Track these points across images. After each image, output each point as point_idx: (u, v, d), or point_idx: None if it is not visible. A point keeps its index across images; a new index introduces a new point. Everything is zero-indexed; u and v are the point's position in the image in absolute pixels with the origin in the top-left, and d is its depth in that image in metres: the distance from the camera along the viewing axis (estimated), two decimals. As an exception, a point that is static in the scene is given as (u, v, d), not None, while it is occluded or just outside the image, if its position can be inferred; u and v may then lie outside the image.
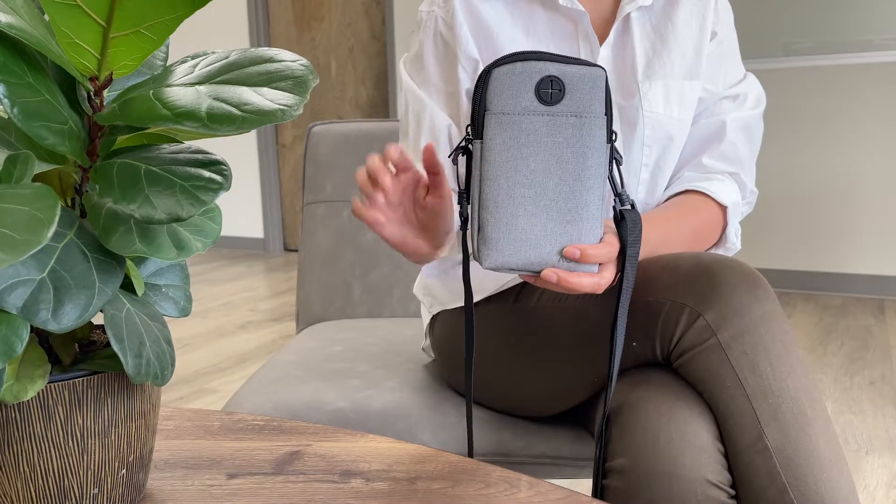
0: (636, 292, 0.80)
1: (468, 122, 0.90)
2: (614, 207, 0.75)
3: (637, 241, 0.74)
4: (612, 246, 0.72)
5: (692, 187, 0.96)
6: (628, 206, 0.75)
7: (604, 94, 0.70)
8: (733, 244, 0.99)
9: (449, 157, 0.76)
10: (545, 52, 0.71)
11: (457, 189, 0.94)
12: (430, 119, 0.97)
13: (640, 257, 0.87)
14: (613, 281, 0.74)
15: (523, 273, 0.73)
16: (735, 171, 0.98)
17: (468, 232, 0.74)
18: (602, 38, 0.96)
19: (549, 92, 0.70)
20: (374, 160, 0.73)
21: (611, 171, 0.74)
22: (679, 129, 0.96)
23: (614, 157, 0.74)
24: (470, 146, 0.73)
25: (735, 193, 0.97)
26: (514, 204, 0.70)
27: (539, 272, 0.71)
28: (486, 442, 0.97)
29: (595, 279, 0.72)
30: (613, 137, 0.73)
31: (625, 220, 0.74)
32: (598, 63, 0.95)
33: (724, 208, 0.96)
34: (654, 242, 0.87)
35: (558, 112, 0.70)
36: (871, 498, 1.64)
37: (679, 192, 0.97)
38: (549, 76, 0.70)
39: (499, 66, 0.71)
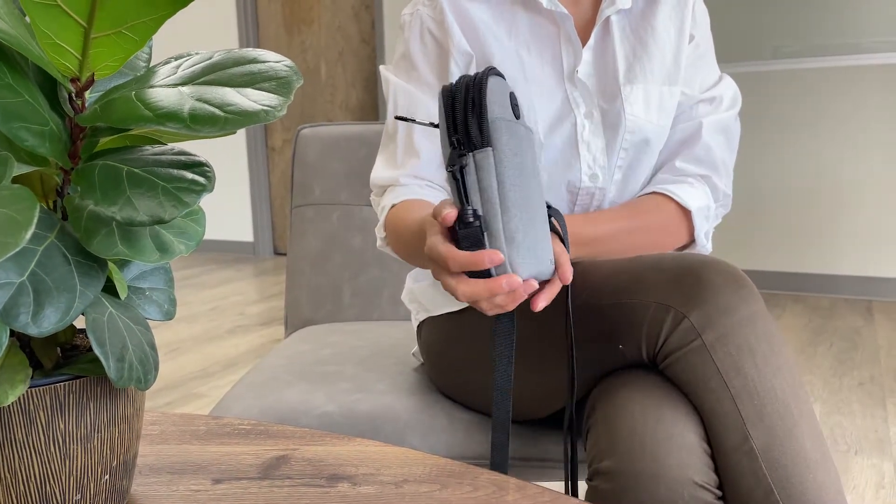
0: (622, 294, 0.80)
1: None
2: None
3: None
4: (557, 245, 0.74)
5: (658, 189, 0.97)
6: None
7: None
8: (703, 247, 0.99)
9: (449, 171, 0.68)
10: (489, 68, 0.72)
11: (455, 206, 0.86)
12: (426, 115, 0.96)
13: (581, 256, 0.90)
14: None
15: (539, 279, 0.69)
16: (707, 173, 0.98)
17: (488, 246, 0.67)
18: (583, 42, 0.97)
19: (514, 104, 0.71)
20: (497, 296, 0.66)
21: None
22: (657, 134, 0.97)
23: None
24: (464, 159, 0.67)
25: (704, 197, 0.97)
26: (531, 208, 0.69)
27: (547, 279, 0.71)
28: (475, 445, 0.96)
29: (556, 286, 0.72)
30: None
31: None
32: (581, 66, 0.96)
33: (687, 212, 0.96)
34: (591, 240, 0.88)
35: (521, 122, 0.71)
36: (859, 499, 1.64)
37: (644, 193, 0.98)
38: (510, 89, 0.72)
39: (493, 77, 0.70)
